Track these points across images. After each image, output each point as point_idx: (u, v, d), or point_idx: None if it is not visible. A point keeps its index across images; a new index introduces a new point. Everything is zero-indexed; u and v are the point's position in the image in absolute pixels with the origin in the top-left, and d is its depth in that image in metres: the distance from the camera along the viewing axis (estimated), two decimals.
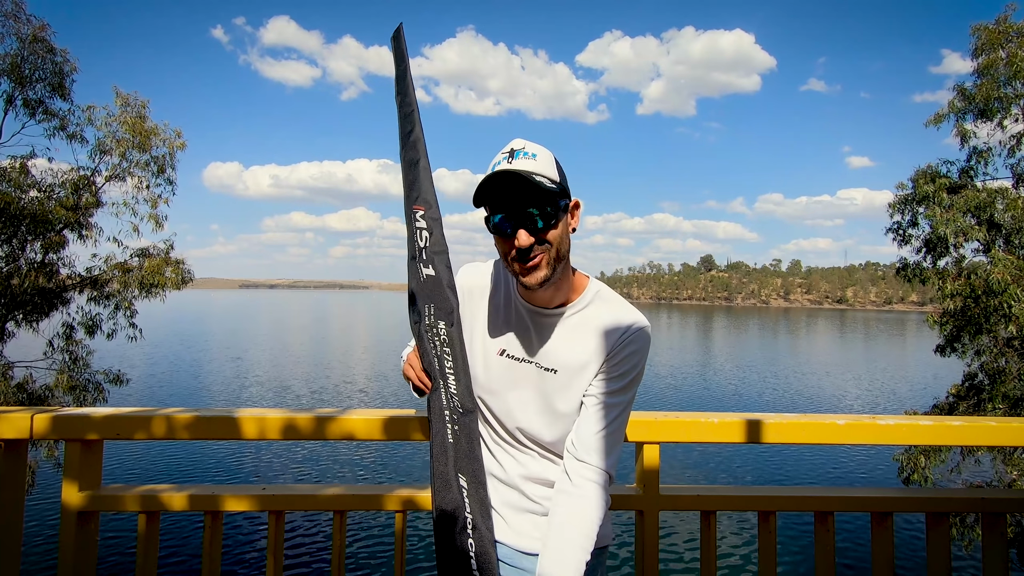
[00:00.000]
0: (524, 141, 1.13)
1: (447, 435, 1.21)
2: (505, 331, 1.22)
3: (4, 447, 1.53)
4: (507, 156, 1.10)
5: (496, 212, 1.10)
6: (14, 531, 1.53)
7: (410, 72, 1.36)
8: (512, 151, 1.10)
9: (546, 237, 1.10)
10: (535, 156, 1.10)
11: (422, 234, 1.25)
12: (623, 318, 1.18)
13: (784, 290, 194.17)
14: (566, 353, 1.18)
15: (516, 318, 1.22)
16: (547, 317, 1.20)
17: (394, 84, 1.36)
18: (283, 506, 1.61)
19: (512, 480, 1.22)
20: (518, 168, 1.07)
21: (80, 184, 10.52)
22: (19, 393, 9.59)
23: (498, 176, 1.06)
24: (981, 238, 9.02)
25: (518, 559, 1.21)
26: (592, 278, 1.25)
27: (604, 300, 1.21)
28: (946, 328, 9.63)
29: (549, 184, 1.07)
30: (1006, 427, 1.64)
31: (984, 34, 9.52)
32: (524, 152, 1.10)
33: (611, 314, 1.19)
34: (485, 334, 1.23)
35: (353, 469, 14.11)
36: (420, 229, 1.25)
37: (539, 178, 1.06)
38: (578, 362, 1.17)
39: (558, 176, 1.11)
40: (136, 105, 10.95)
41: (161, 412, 1.56)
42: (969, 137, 9.91)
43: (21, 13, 9.72)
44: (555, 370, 1.18)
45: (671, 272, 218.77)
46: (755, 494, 1.69)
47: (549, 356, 1.19)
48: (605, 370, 1.17)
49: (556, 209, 1.10)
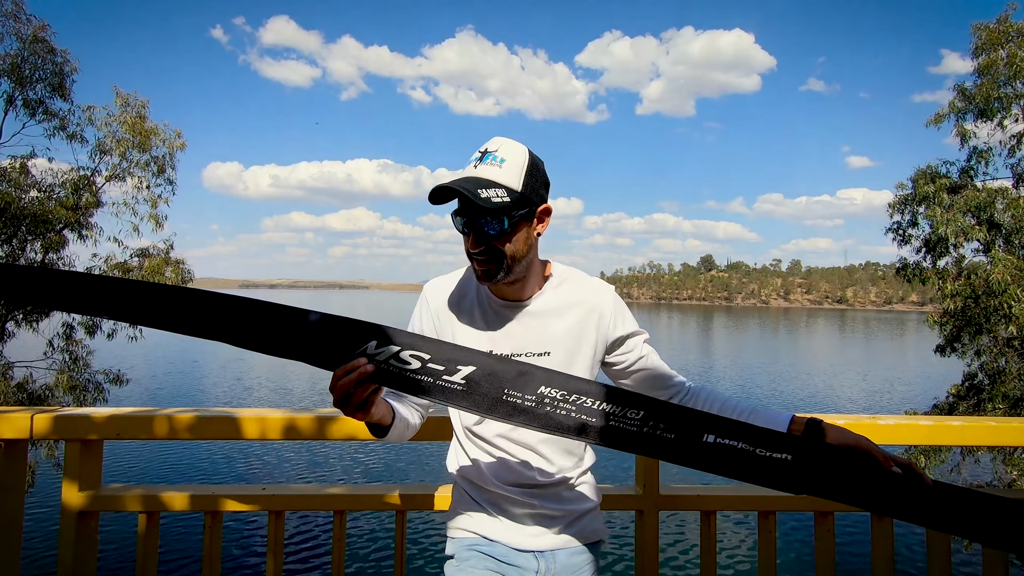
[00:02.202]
0: (501, 141, 1.13)
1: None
2: (486, 332, 1.22)
3: (4, 447, 1.54)
4: (478, 158, 1.12)
5: (457, 213, 1.13)
6: (14, 531, 1.53)
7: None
8: (484, 152, 1.12)
9: (497, 245, 1.11)
10: (503, 162, 1.10)
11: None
12: (589, 284, 1.27)
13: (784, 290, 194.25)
14: (552, 331, 1.21)
15: (494, 317, 1.23)
16: (523, 307, 1.22)
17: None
18: (283, 506, 1.61)
19: (509, 479, 1.23)
20: (479, 175, 1.09)
21: (80, 184, 10.53)
22: (19, 393, 9.60)
23: (443, 189, 1.06)
24: (981, 238, 9.03)
25: (515, 557, 1.21)
26: (554, 263, 1.29)
27: (569, 279, 1.27)
28: (946, 328, 9.64)
29: (496, 200, 1.06)
30: (1006, 427, 1.64)
31: (984, 33, 9.53)
32: (493, 156, 1.11)
33: (580, 285, 1.26)
34: (468, 341, 1.22)
35: (353, 469, 14.11)
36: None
37: (485, 193, 1.06)
38: (569, 335, 1.21)
39: (521, 185, 1.10)
40: (136, 105, 10.98)
41: (161, 412, 1.57)
42: (969, 137, 9.92)
43: (21, 13, 9.74)
44: (547, 352, 1.20)
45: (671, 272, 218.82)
46: (755, 494, 1.69)
47: (537, 341, 1.21)
48: (613, 331, 1.24)
49: (510, 220, 1.10)
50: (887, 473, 0.99)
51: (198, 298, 0.93)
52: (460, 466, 1.30)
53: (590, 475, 1.33)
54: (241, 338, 0.92)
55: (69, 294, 0.94)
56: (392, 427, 1.13)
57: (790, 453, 0.98)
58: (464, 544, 1.25)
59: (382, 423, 1.09)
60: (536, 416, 0.97)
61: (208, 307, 0.92)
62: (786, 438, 1.00)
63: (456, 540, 1.27)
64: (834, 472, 0.99)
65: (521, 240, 1.14)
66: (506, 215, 1.09)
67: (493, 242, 1.11)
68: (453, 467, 1.32)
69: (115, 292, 0.94)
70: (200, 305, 0.93)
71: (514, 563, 1.21)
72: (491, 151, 1.11)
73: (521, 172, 1.11)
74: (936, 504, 0.99)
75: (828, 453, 1.00)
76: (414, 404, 1.26)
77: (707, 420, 0.99)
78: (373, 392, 0.97)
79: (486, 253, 1.12)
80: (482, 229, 1.10)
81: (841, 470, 0.98)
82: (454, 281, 1.28)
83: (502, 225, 1.10)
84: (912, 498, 0.99)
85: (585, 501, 1.28)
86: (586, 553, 1.26)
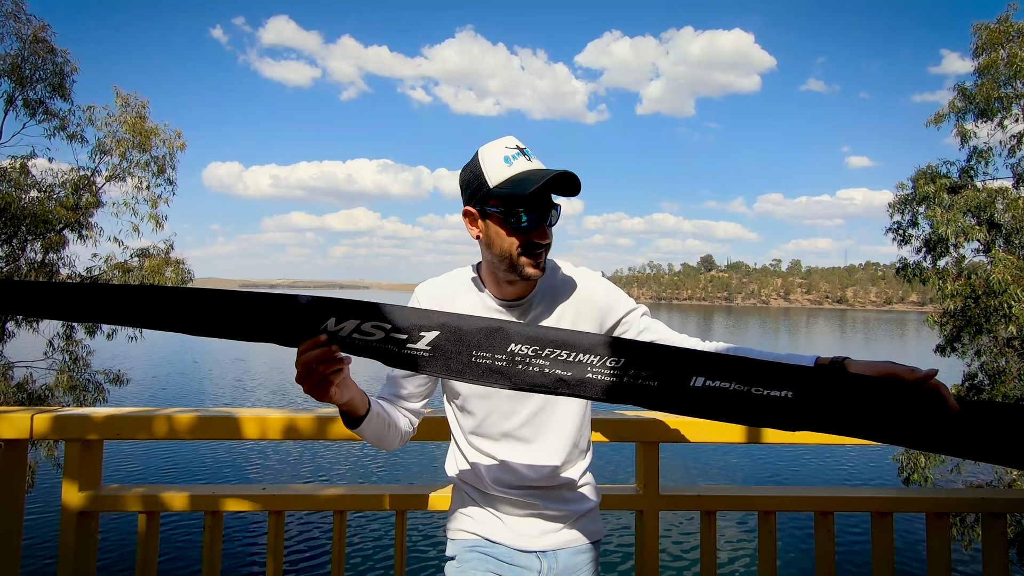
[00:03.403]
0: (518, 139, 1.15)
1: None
2: None
3: (4, 447, 1.54)
4: (520, 152, 1.11)
5: (533, 208, 1.10)
6: (14, 531, 1.53)
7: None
8: (520, 147, 1.12)
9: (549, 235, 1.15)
10: (537, 158, 1.13)
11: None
12: (577, 274, 1.27)
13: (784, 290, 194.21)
14: (552, 324, 1.20)
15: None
16: (522, 304, 1.22)
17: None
18: (283, 506, 1.61)
19: (511, 482, 1.23)
20: (558, 169, 1.08)
21: (80, 184, 10.52)
22: (19, 393, 9.59)
23: (559, 176, 1.06)
24: (981, 238, 9.03)
25: (516, 558, 1.21)
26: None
27: (557, 271, 1.27)
28: (946, 328, 9.63)
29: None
30: None
31: (985, 33, 9.53)
32: (529, 153, 1.12)
33: (568, 276, 1.26)
34: None
35: (353, 469, 14.11)
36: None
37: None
38: (567, 326, 1.20)
39: None
40: (136, 105, 10.98)
41: (161, 412, 1.57)
42: (969, 137, 9.92)
43: (21, 13, 9.74)
44: None
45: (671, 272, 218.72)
46: (755, 494, 1.69)
47: None
48: (608, 316, 1.24)
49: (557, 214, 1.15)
50: (909, 402, 0.89)
51: (156, 294, 0.90)
52: (460, 469, 1.30)
53: (590, 475, 1.33)
54: (204, 327, 0.90)
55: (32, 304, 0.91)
56: (366, 420, 1.08)
57: (791, 390, 0.89)
58: (465, 545, 1.25)
59: (353, 412, 1.05)
60: (509, 376, 0.92)
61: (168, 301, 0.90)
62: (788, 371, 0.90)
63: (457, 541, 1.27)
64: (845, 405, 0.89)
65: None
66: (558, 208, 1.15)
67: (549, 231, 1.14)
68: (452, 470, 1.32)
69: (70, 296, 0.91)
70: (159, 300, 0.90)
71: (516, 564, 1.21)
72: (523, 147, 1.13)
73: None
74: (959, 430, 0.90)
75: (847, 383, 0.90)
76: (406, 410, 1.24)
77: (696, 361, 0.90)
78: (335, 372, 0.94)
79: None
80: (554, 217, 1.14)
81: (855, 403, 0.89)
82: (447, 283, 1.27)
83: (556, 218, 1.15)
84: (933, 426, 0.89)
85: (586, 501, 1.28)
86: (587, 552, 1.26)
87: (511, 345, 0.92)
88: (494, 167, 1.10)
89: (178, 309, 0.90)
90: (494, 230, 1.12)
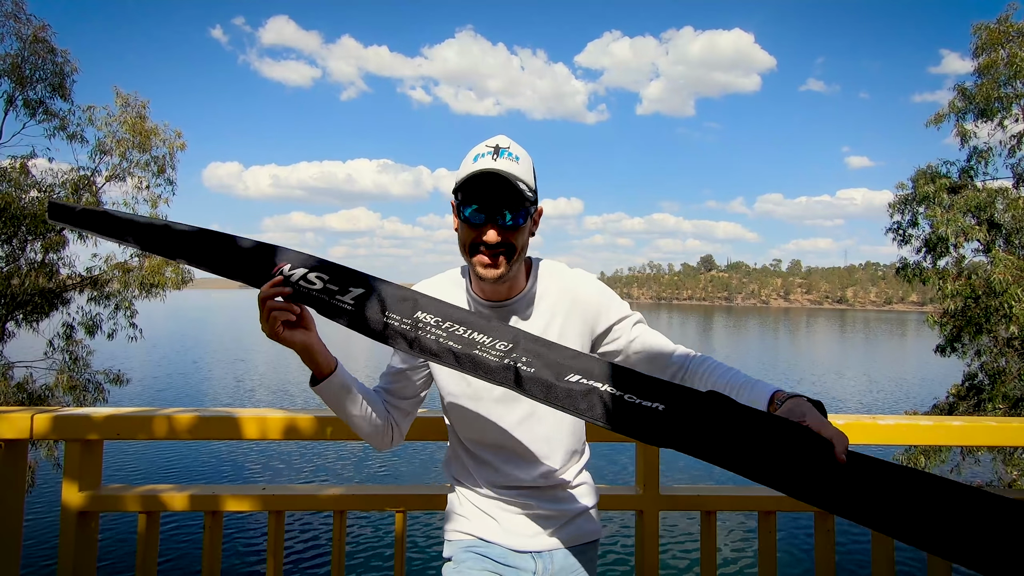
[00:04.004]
0: (508, 140, 1.15)
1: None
2: None
3: (4, 447, 1.54)
4: (491, 152, 1.11)
5: (470, 203, 1.12)
6: (14, 531, 1.53)
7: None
8: (497, 148, 1.12)
9: (511, 239, 1.13)
10: (518, 159, 1.12)
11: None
12: (572, 277, 1.26)
13: (784, 290, 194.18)
14: (537, 328, 1.19)
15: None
16: (508, 307, 1.21)
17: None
18: (283, 506, 1.61)
19: (506, 483, 1.23)
20: (502, 169, 1.08)
21: (80, 184, 10.52)
22: (19, 393, 9.59)
23: (486, 175, 1.08)
24: (981, 238, 9.03)
25: (512, 558, 1.22)
26: (534, 259, 1.28)
27: (551, 273, 1.26)
28: (946, 328, 9.64)
29: (528, 193, 1.11)
30: (1006, 427, 1.64)
31: (985, 33, 9.54)
32: (508, 152, 1.12)
33: (563, 279, 1.25)
34: None
35: (353, 469, 14.11)
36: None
37: (522, 185, 1.09)
38: (555, 331, 1.19)
39: (533, 182, 1.15)
40: (136, 105, 10.97)
41: (161, 412, 1.57)
42: (969, 137, 9.94)
43: (21, 13, 9.74)
44: None
45: (671, 272, 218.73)
46: (755, 494, 1.69)
47: None
48: (600, 321, 1.22)
49: (526, 215, 1.13)
50: (795, 445, 0.82)
51: (162, 227, 1.14)
52: (455, 470, 1.30)
53: (587, 474, 1.33)
54: (191, 257, 1.11)
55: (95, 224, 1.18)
56: (326, 382, 1.12)
57: (664, 403, 0.89)
58: (461, 546, 1.25)
59: (316, 370, 1.12)
60: (408, 339, 1.02)
61: (170, 234, 1.13)
62: (664, 385, 0.91)
63: (453, 542, 1.27)
64: (720, 429, 0.85)
65: (526, 236, 1.17)
66: (526, 209, 1.13)
67: (509, 235, 1.12)
68: (448, 471, 1.32)
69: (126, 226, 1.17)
70: (165, 233, 1.13)
71: (512, 564, 1.21)
72: (503, 147, 1.12)
73: (531, 170, 1.15)
74: (835, 486, 0.81)
75: (732, 409, 0.87)
76: (392, 407, 1.25)
77: (576, 360, 0.96)
78: (281, 311, 1.04)
79: (503, 245, 1.12)
80: (502, 221, 1.11)
81: (734, 430, 0.84)
82: (441, 283, 1.28)
83: (520, 219, 1.13)
84: (813, 475, 0.82)
85: (581, 501, 1.28)
86: (584, 553, 1.26)
87: (418, 312, 1.03)
88: (466, 163, 1.13)
89: (183, 242, 1.13)
90: (456, 223, 1.17)
